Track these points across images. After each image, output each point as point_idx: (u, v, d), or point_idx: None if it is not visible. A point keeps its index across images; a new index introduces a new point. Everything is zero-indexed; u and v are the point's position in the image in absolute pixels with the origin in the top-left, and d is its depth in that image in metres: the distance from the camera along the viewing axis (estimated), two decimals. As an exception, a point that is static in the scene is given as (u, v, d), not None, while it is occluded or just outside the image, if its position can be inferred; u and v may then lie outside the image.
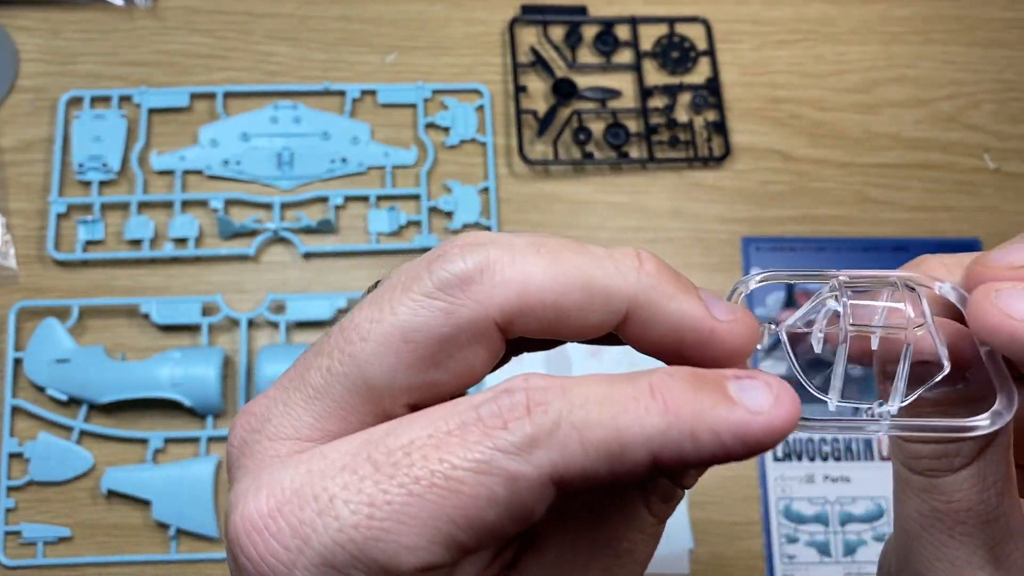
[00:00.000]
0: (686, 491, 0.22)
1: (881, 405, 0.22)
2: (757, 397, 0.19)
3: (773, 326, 0.22)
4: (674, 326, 0.20)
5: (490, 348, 0.20)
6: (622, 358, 0.58)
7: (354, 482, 0.18)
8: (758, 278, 0.22)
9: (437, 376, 0.19)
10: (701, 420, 0.18)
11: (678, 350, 0.20)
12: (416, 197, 0.60)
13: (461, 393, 0.20)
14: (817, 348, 0.22)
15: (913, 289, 0.22)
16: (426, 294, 0.19)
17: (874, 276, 0.22)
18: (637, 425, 0.18)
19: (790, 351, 0.22)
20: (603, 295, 0.19)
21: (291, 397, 0.20)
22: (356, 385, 0.19)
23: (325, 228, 0.59)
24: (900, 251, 0.62)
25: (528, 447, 0.18)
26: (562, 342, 0.22)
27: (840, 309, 0.22)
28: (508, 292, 0.19)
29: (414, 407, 0.20)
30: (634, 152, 0.63)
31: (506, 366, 0.23)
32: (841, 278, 0.22)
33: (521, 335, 0.20)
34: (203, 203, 0.59)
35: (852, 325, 0.22)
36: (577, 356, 0.58)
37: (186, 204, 0.59)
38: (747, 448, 0.18)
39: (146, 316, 0.57)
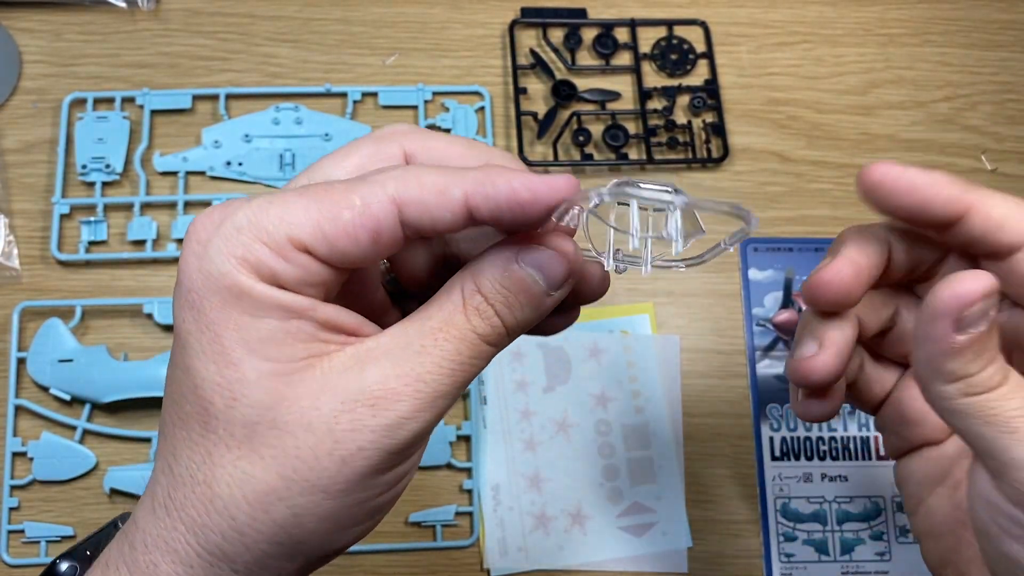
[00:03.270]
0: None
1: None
2: (545, 176, 0.26)
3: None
4: (499, 200, 0.26)
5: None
6: (620, 358, 0.58)
7: (269, 194, 0.26)
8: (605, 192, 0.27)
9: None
10: (501, 175, 0.25)
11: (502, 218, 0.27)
12: (417, 198, 0.61)
13: None
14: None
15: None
16: (368, 136, 0.29)
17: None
18: (458, 175, 0.25)
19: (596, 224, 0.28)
20: (474, 153, 0.29)
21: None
22: (315, 181, 0.28)
23: (326, 229, 0.59)
24: (897, 252, 0.62)
25: (382, 181, 0.25)
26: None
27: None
28: (416, 139, 0.29)
29: None
30: (633, 153, 0.63)
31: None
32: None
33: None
34: (206, 204, 0.60)
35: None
36: (577, 357, 0.58)
37: (189, 205, 0.60)
38: (532, 194, 0.25)
39: (149, 316, 0.57)
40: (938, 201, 0.29)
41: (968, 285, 0.27)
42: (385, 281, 0.31)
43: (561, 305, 0.28)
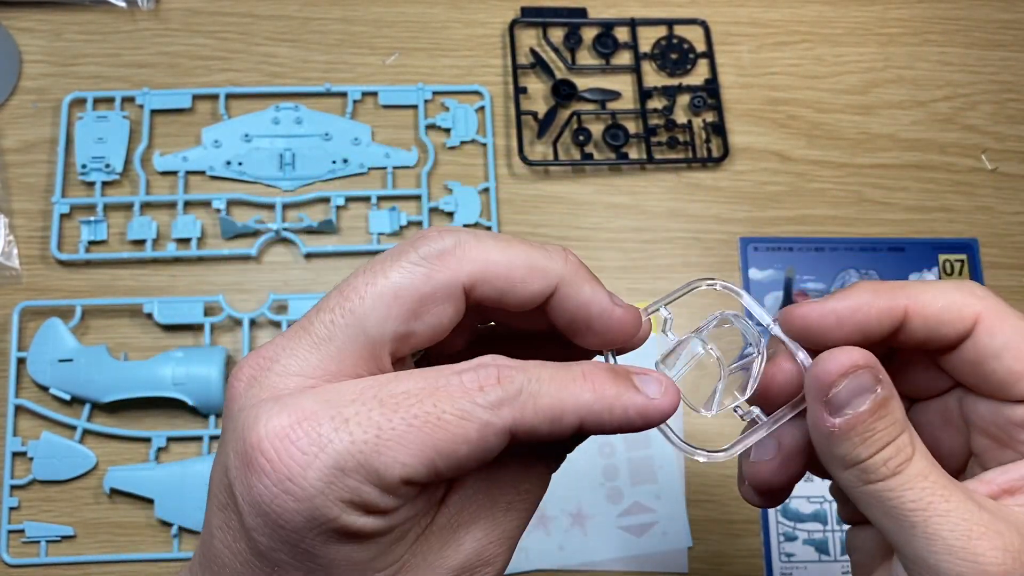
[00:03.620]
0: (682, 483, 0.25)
1: (738, 409, 0.30)
2: (652, 388, 0.26)
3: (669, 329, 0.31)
4: (586, 303, 0.27)
5: (456, 307, 0.26)
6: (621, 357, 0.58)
7: (364, 411, 0.23)
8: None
9: (417, 327, 0.25)
10: (618, 400, 0.25)
11: (587, 324, 0.27)
12: (417, 198, 0.61)
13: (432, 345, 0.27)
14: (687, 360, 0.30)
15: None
16: (413, 263, 0.25)
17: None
18: (573, 399, 0.25)
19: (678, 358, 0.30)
20: (541, 271, 0.26)
21: (297, 344, 0.25)
22: (355, 333, 0.24)
23: (327, 228, 0.59)
24: (897, 251, 0.62)
25: (497, 405, 0.24)
26: (512, 319, 0.28)
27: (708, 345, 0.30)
28: (475, 262, 0.25)
29: (395, 356, 0.25)
30: (633, 153, 0.63)
31: None
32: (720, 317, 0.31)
33: (480, 299, 0.26)
34: (206, 204, 0.60)
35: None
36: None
37: (189, 205, 0.60)
38: (645, 421, 0.26)
39: (149, 316, 0.57)
40: (871, 320, 0.28)
41: (823, 366, 0.26)
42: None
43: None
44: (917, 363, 0.30)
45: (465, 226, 0.60)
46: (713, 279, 0.31)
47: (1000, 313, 0.28)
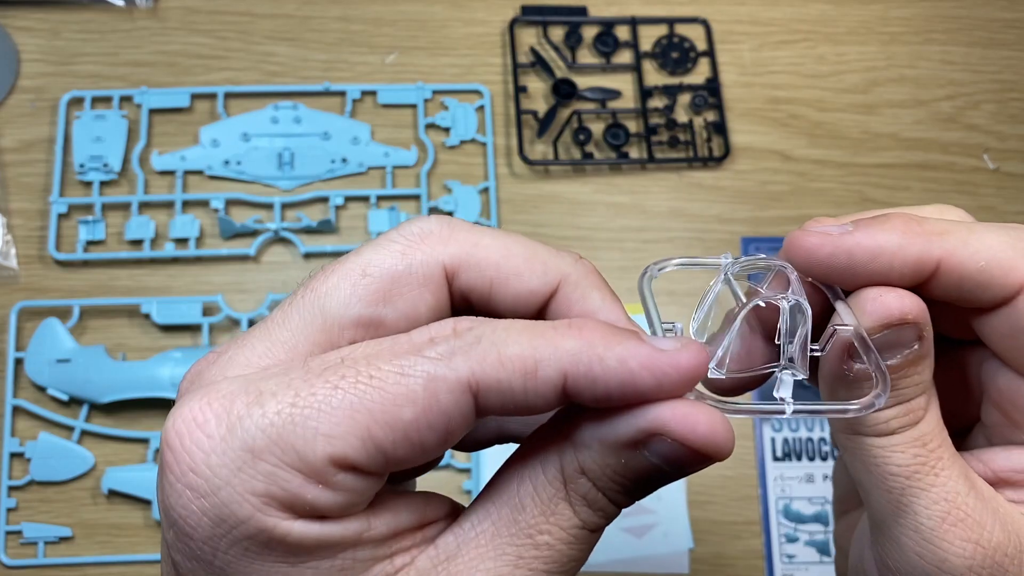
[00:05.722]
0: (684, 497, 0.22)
1: (783, 370, 0.23)
2: (666, 342, 0.20)
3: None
4: (593, 312, 0.22)
5: (435, 295, 0.21)
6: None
7: (285, 382, 0.19)
8: (669, 267, 0.25)
9: (385, 312, 0.21)
10: (610, 348, 0.19)
11: None
12: (416, 197, 0.61)
13: None
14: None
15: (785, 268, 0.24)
16: (389, 240, 0.21)
17: (755, 260, 0.25)
18: (551, 345, 0.19)
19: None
20: (541, 264, 0.21)
21: (250, 335, 0.21)
22: (312, 314, 0.21)
23: (325, 228, 0.59)
24: (899, 251, 0.62)
25: (448, 356, 0.19)
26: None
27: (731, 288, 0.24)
28: (460, 245, 0.21)
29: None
30: (634, 152, 0.63)
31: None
32: (728, 261, 0.25)
33: (465, 289, 0.21)
34: (204, 203, 0.60)
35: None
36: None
37: (187, 204, 0.59)
38: (654, 378, 0.19)
39: (147, 316, 0.57)
40: (893, 271, 0.23)
41: (867, 306, 0.22)
42: None
43: None
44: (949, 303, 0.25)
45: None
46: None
47: None
